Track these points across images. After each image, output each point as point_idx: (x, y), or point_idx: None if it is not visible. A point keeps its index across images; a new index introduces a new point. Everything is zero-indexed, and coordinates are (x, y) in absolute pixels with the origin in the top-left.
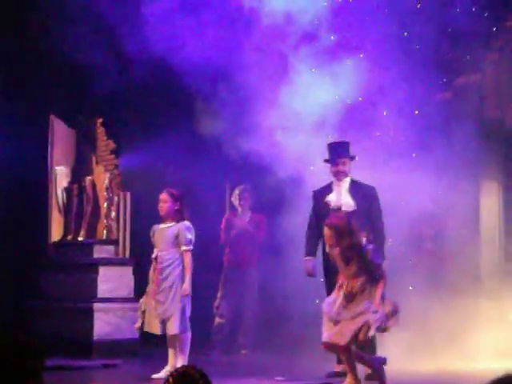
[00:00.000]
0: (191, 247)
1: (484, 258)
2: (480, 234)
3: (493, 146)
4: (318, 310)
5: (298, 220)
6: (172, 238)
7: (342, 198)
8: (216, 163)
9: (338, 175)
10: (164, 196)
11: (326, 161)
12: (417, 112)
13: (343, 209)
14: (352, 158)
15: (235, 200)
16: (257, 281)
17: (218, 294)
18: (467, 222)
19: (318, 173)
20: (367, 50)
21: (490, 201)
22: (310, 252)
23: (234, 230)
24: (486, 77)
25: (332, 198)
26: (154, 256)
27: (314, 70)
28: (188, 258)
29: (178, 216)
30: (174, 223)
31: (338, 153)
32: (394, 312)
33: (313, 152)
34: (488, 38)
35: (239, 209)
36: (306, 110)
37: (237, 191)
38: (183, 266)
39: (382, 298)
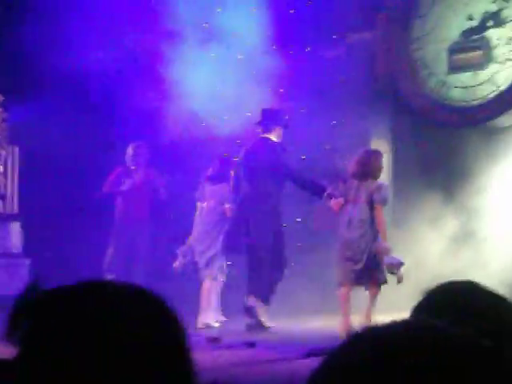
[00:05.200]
0: None
1: None
2: None
3: (382, 105)
4: None
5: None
6: None
7: None
8: (108, 121)
9: None
10: None
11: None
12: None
13: None
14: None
15: (129, 156)
16: (149, 237)
17: (109, 251)
18: None
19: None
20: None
21: None
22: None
23: (127, 184)
24: (378, 36)
25: None
26: None
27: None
28: None
29: None
30: None
31: None
32: None
33: (205, 112)
34: None
35: (133, 164)
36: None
37: (131, 148)
38: None
39: None
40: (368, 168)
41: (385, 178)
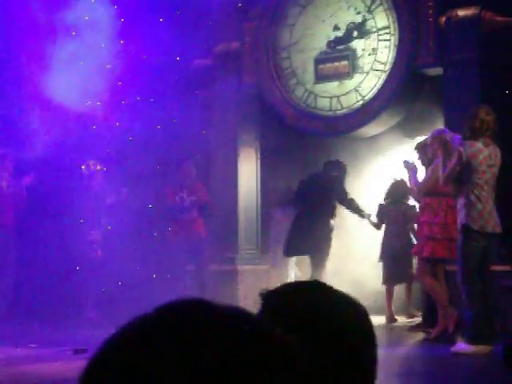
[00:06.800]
0: None
1: (242, 222)
2: (238, 198)
3: (250, 114)
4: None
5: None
6: None
7: None
8: None
9: None
10: None
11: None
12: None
13: None
14: None
15: None
16: (14, 246)
17: None
18: (227, 187)
19: None
20: (125, 17)
21: (247, 165)
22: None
23: None
24: (245, 45)
25: None
26: None
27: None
28: None
29: None
30: None
31: None
32: None
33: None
34: (247, 6)
35: None
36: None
37: None
38: None
39: None
40: (400, 193)
41: (253, 182)
